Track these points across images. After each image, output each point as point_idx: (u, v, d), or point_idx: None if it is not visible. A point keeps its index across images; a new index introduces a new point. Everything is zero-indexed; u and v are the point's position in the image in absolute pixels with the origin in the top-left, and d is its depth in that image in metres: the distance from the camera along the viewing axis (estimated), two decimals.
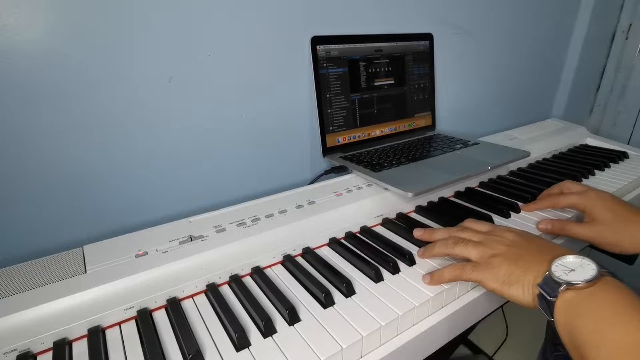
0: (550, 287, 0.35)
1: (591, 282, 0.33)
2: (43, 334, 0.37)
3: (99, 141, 0.55)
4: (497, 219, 0.58)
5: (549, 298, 0.35)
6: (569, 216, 0.57)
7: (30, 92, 0.49)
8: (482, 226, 0.48)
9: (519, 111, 1.14)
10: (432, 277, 0.43)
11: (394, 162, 0.67)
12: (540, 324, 0.37)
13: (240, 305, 0.43)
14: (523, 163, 0.79)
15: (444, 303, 0.44)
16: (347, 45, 0.71)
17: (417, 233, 0.52)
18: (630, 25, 1.15)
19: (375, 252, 0.50)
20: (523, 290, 0.38)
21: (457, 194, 0.68)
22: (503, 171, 0.76)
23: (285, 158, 0.73)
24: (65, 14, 0.48)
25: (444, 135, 0.85)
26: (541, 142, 0.89)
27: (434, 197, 0.65)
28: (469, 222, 0.50)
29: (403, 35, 0.79)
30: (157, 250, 0.47)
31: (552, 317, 0.35)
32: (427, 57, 0.83)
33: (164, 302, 0.43)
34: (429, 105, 0.86)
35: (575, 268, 0.35)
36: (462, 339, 1.10)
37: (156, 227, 0.52)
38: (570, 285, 0.34)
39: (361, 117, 0.75)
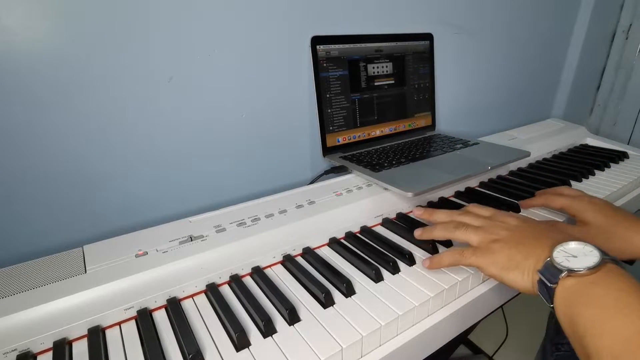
0: (550, 273, 0.34)
1: (593, 269, 0.32)
2: (43, 334, 0.37)
3: (99, 141, 0.55)
4: None
5: (549, 284, 0.34)
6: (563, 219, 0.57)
7: (31, 92, 0.49)
8: (484, 211, 0.48)
9: (519, 111, 1.14)
10: (432, 261, 0.44)
11: (394, 162, 0.67)
12: (540, 324, 0.37)
13: (240, 305, 0.43)
14: (523, 163, 0.79)
15: (444, 303, 0.44)
16: (347, 45, 0.71)
17: (417, 212, 0.52)
18: (630, 25, 1.15)
19: (375, 252, 0.50)
20: (523, 276, 0.37)
21: (457, 194, 0.68)
22: (503, 171, 0.76)
23: (285, 158, 0.73)
24: (65, 14, 0.48)
25: (444, 135, 0.85)
26: (541, 142, 0.89)
27: (434, 197, 0.65)
28: (473, 207, 0.49)
29: (403, 35, 0.79)
30: (157, 250, 0.47)
31: (552, 304, 0.34)
32: (427, 57, 0.83)
33: (164, 302, 0.43)
34: (429, 105, 0.86)
35: (577, 255, 0.34)
36: (462, 339, 1.10)
37: (156, 227, 0.52)
38: (571, 272, 0.33)
39: (361, 117, 0.75)
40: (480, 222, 0.45)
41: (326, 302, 0.42)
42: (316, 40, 0.67)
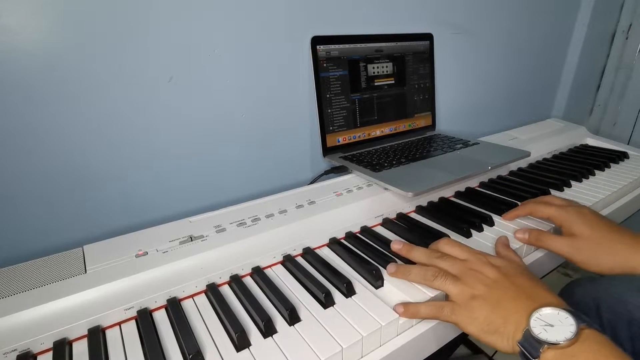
0: (531, 345, 0.35)
1: (572, 339, 0.33)
2: (43, 334, 0.37)
3: (99, 141, 0.55)
4: (497, 218, 0.58)
5: (531, 359, 0.34)
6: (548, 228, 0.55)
7: (32, 91, 0.49)
8: (461, 252, 0.46)
9: (519, 111, 1.14)
10: (407, 310, 0.40)
11: (394, 162, 0.67)
12: None
13: (241, 305, 0.43)
14: (523, 163, 0.79)
15: None
16: (347, 46, 0.71)
17: (395, 246, 0.49)
18: (630, 25, 1.15)
19: (375, 252, 0.50)
20: (503, 341, 0.37)
21: (457, 194, 0.68)
22: (503, 171, 0.76)
23: (286, 158, 0.73)
24: (65, 14, 0.48)
25: (444, 135, 0.85)
26: (541, 142, 0.89)
27: (434, 197, 0.65)
28: (447, 246, 0.47)
29: (403, 35, 0.79)
30: (157, 250, 0.47)
31: None
32: (427, 57, 0.83)
33: (164, 302, 0.43)
34: (429, 105, 0.86)
35: (553, 323, 0.35)
36: (462, 339, 1.10)
37: (156, 227, 0.52)
38: (551, 345, 0.34)
39: (361, 117, 0.75)
40: (458, 269, 0.43)
41: (326, 302, 0.42)
42: (316, 41, 0.67)
